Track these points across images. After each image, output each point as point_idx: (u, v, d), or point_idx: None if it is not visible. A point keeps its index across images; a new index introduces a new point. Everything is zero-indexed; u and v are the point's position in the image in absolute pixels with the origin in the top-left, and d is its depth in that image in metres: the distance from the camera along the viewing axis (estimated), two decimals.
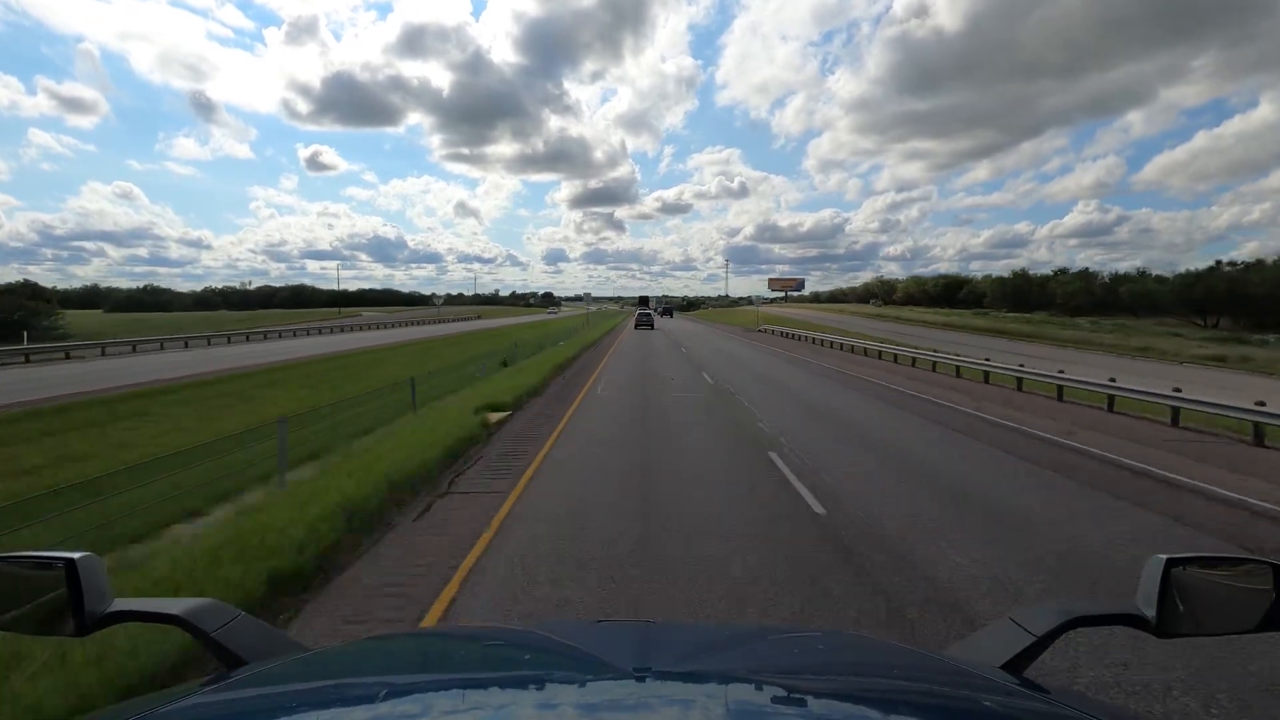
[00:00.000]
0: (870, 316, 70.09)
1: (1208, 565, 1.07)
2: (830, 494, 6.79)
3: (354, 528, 5.48)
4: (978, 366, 19.25)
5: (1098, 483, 7.58)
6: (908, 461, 8.52)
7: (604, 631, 1.32)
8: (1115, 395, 13.52)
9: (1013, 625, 1.13)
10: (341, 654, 1.26)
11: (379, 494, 6.18)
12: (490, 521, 5.92)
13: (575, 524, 5.83)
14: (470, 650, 1.23)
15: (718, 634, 1.50)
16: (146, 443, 10.62)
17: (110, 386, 17.65)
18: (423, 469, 7.42)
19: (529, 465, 8.15)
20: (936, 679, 1.04)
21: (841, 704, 0.90)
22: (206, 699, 0.86)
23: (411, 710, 0.83)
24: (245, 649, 1.06)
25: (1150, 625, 1.03)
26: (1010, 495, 6.93)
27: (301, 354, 29.74)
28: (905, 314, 69.66)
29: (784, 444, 9.35)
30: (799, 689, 0.93)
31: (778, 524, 5.87)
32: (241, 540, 4.69)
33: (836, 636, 2.00)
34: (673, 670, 1.01)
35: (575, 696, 0.86)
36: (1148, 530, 5.90)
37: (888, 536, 5.52)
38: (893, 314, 70.31)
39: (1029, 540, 5.48)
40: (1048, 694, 0.92)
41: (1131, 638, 3.50)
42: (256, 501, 6.38)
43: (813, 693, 0.93)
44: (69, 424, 12.31)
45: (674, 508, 6.34)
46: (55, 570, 1.01)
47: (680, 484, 7.25)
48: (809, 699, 0.89)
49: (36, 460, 9.53)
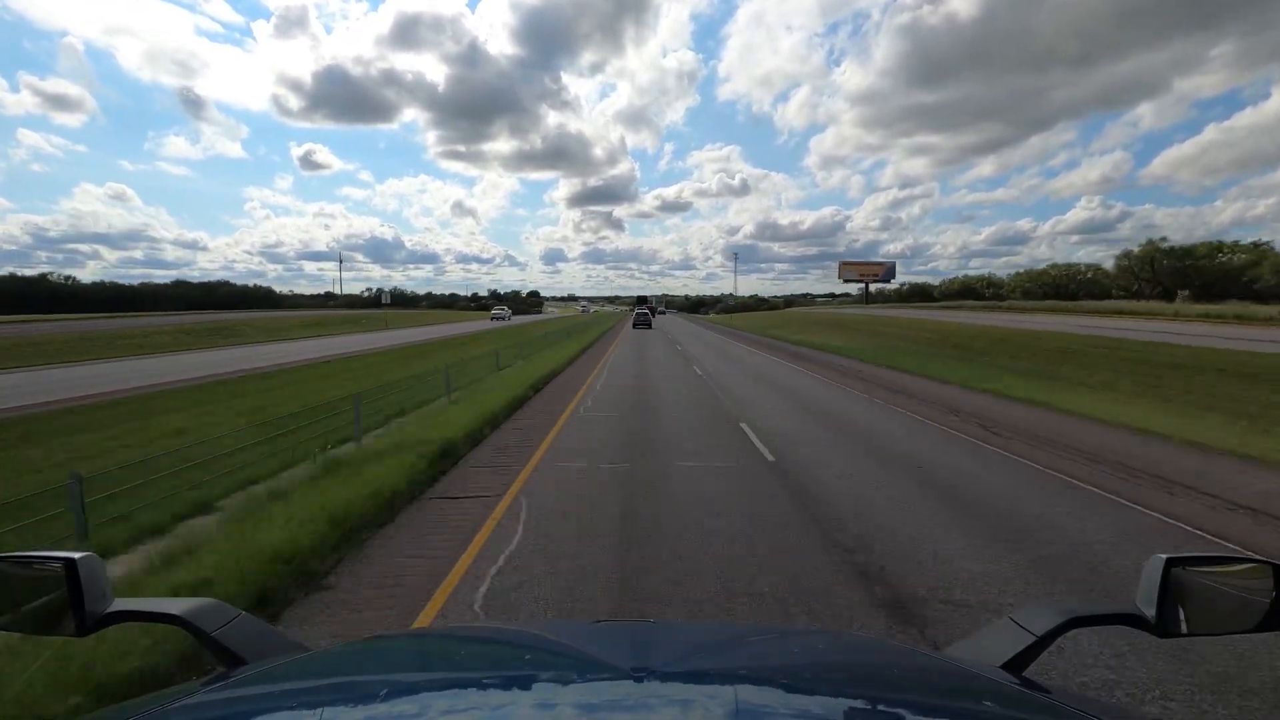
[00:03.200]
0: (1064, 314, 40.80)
1: (1207, 565, 1.07)
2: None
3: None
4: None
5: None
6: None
7: (603, 631, 1.32)
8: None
9: (1013, 625, 1.13)
10: (341, 654, 1.26)
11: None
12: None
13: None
14: (470, 650, 1.23)
15: (717, 633, 1.50)
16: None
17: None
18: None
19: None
20: (936, 679, 1.04)
21: (840, 704, 0.90)
22: (206, 699, 0.87)
23: (411, 710, 0.83)
24: (245, 649, 1.06)
25: (1150, 625, 1.04)
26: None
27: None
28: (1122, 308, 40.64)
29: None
30: (799, 689, 0.93)
31: None
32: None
33: (837, 636, 2.00)
34: (672, 670, 1.01)
35: (574, 696, 0.86)
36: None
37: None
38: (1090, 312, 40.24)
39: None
40: (1048, 694, 0.92)
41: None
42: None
43: (812, 692, 0.93)
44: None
45: None
46: (55, 570, 1.01)
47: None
48: (809, 699, 0.89)
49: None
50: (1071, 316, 37.87)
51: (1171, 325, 29.18)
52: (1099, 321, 32.84)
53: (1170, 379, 14.98)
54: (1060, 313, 41.88)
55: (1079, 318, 36.46)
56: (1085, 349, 20.57)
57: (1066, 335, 24.61)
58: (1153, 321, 31.92)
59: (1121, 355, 18.79)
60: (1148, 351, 18.83)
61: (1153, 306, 41.38)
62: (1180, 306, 40.05)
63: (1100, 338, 22.98)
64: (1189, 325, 28.93)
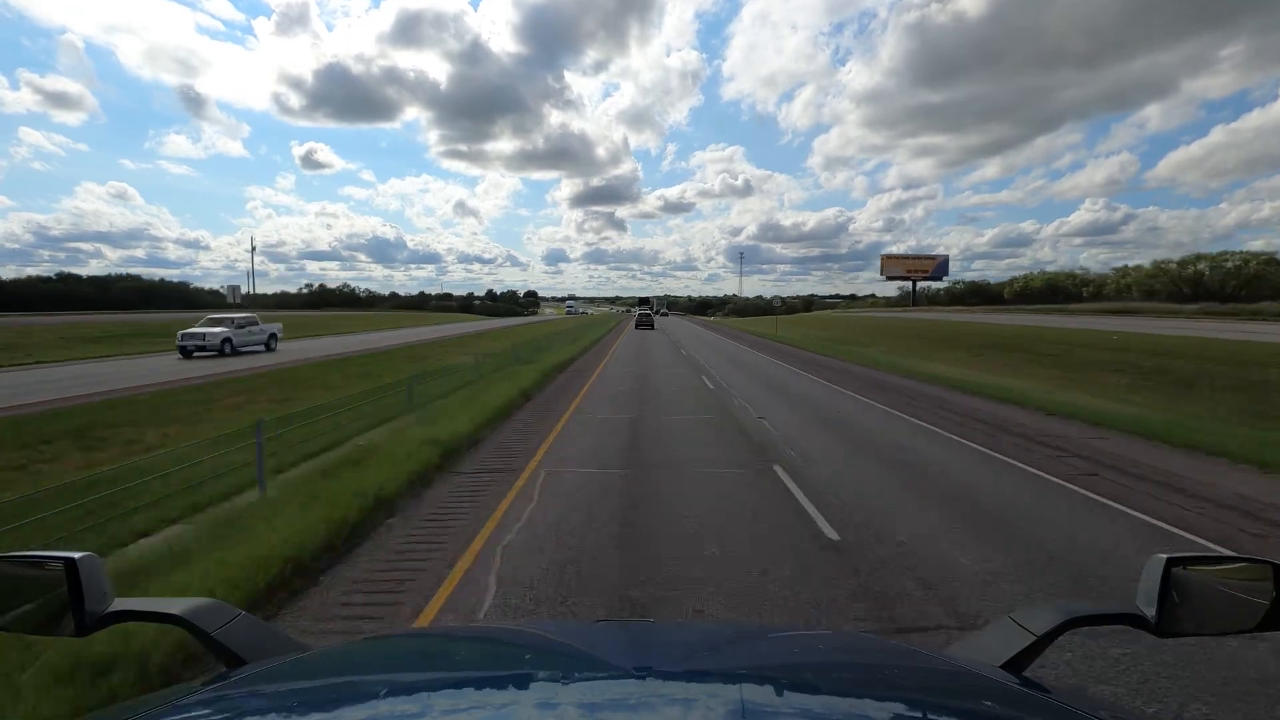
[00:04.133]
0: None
1: (1208, 564, 1.07)
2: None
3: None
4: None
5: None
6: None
7: (604, 631, 1.32)
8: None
9: (1013, 625, 1.13)
10: (341, 654, 1.25)
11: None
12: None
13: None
14: (470, 650, 1.23)
15: (718, 633, 1.50)
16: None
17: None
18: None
19: None
20: (937, 679, 1.04)
21: (842, 703, 0.90)
22: (207, 699, 0.87)
23: (411, 710, 0.83)
24: (245, 649, 1.06)
25: (1150, 625, 1.04)
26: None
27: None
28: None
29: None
30: (799, 688, 0.93)
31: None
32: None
33: (837, 637, 2.00)
34: (673, 669, 1.00)
35: (575, 696, 0.86)
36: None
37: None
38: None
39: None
40: (1048, 693, 0.92)
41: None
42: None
43: (813, 692, 0.93)
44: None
45: None
46: (55, 570, 1.02)
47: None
48: (809, 698, 0.89)
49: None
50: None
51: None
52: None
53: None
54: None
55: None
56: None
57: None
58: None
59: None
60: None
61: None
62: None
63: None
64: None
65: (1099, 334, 28.27)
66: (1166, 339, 24.44)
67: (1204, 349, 20.85)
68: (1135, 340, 24.58)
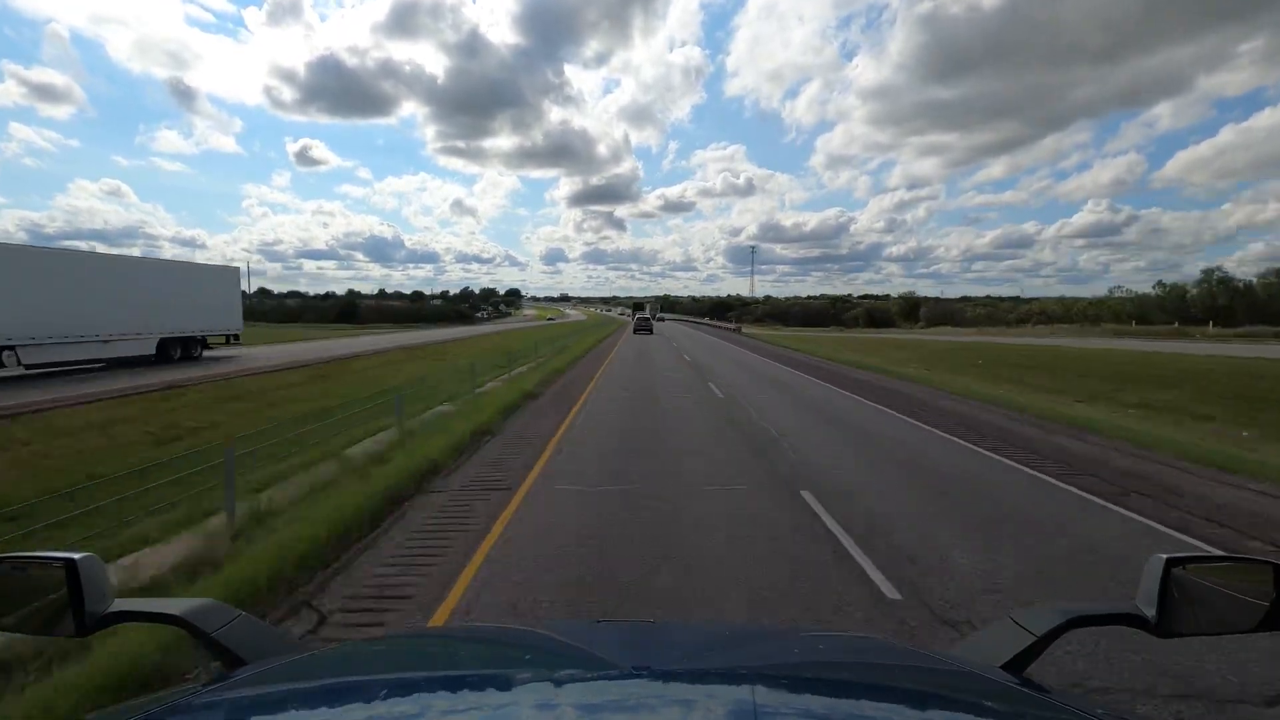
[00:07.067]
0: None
1: (1208, 565, 1.07)
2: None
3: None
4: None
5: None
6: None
7: (604, 631, 1.32)
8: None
9: (1013, 625, 1.13)
10: (341, 654, 1.26)
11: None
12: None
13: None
14: (470, 650, 1.23)
15: (717, 633, 1.50)
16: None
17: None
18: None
19: None
20: (937, 679, 1.04)
21: (842, 703, 0.90)
22: (207, 699, 0.87)
23: (411, 710, 0.83)
24: (245, 649, 1.06)
25: (1150, 625, 1.04)
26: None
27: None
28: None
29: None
30: (800, 688, 0.93)
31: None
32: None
33: (838, 637, 2.00)
34: (673, 669, 1.00)
35: (575, 696, 0.86)
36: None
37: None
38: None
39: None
40: (1048, 694, 0.92)
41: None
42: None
43: (814, 692, 0.93)
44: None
45: None
46: (55, 570, 1.02)
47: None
48: (810, 698, 0.89)
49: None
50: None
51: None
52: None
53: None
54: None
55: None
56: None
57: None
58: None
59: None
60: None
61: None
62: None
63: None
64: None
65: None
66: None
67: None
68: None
